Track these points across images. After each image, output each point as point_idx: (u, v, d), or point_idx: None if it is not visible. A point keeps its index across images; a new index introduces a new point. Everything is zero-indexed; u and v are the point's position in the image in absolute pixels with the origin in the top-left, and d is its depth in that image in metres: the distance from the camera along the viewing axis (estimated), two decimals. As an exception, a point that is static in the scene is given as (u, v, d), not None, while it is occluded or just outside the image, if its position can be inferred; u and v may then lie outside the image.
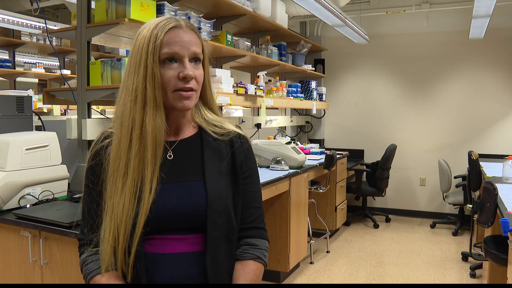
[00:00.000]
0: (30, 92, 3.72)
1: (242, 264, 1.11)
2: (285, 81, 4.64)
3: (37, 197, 2.05)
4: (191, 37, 1.06)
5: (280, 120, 4.95)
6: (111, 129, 1.10)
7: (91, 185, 1.09)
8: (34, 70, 5.26)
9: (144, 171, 1.02)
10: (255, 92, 3.58)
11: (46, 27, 2.55)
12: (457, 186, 4.84)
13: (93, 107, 2.51)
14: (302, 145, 4.96)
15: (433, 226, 5.25)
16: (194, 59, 1.07)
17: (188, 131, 1.14)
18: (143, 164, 1.02)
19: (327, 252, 4.30)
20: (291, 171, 3.52)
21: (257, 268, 1.12)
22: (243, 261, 1.11)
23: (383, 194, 5.37)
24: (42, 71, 5.38)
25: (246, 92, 3.44)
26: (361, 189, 5.28)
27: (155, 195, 1.02)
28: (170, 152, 1.10)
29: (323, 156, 4.45)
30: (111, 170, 1.04)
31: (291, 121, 5.36)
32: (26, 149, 2.02)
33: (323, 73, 5.80)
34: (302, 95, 4.92)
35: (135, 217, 1.00)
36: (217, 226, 1.05)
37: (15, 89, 4.94)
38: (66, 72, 5.44)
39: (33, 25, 4.40)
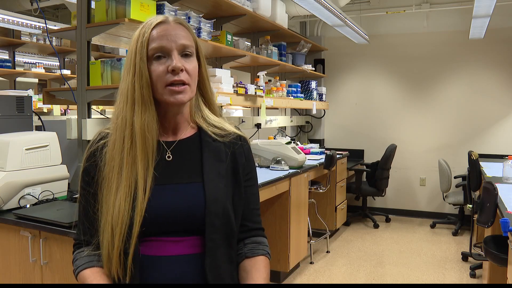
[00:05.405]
0: (30, 92, 3.73)
1: (255, 260, 1.12)
2: (285, 81, 4.64)
3: (37, 197, 2.05)
4: (179, 31, 1.05)
5: (280, 120, 4.95)
6: (108, 129, 1.09)
7: (86, 187, 1.08)
8: (34, 70, 5.27)
9: (137, 170, 1.01)
10: (255, 92, 3.58)
11: (46, 27, 2.55)
12: (457, 186, 4.83)
13: (93, 107, 2.51)
14: (302, 145, 4.96)
15: (433, 226, 5.25)
16: (185, 53, 1.05)
17: (187, 131, 1.12)
18: (135, 164, 1.02)
19: (327, 252, 4.30)
20: (291, 171, 3.52)
21: (268, 263, 1.15)
22: (255, 257, 1.12)
23: (383, 194, 5.37)
24: (42, 71, 5.39)
25: (246, 92, 3.44)
26: (361, 189, 5.27)
27: (150, 195, 1.01)
28: (168, 153, 1.08)
29: (323, 156, 4.45)
30: (106, 171, 1.03)
31: (291, 121, 5.36)
32: (26, 149, 2.02)
33: (323, 73, 5.80)
34: (302, 95, 4.92)
35: (131, 218, 0.99)
36: (216, 229, 1.04)
37: (15, 89, 4.94)
38: (66, 72, 5.44)
39: (33, 25, 4.40)
